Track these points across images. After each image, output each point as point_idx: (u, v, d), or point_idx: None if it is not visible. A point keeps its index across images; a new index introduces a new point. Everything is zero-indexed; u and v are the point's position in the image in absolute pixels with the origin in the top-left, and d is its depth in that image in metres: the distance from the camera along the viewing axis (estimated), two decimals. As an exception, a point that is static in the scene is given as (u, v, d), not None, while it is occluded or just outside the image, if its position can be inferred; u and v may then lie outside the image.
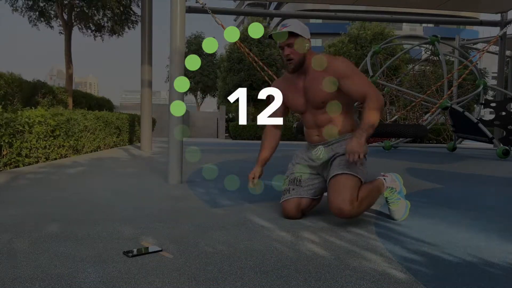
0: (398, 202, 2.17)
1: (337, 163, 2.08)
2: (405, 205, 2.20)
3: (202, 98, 32.70)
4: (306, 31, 2.12)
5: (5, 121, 3.84)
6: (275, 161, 2.44)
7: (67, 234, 1.78)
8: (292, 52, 2.09)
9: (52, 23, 11.18)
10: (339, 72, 2.07)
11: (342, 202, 1.92)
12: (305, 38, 2.10)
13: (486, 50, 7.28)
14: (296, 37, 2.08)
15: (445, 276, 1.39)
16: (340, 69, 2.08)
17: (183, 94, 3.43)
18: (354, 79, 2.08)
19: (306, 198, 2.15)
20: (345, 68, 2.08)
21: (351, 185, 1.97)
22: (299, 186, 2.17)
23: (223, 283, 1.29)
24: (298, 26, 2.09)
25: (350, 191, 1.94)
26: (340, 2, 9.95)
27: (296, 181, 2.19)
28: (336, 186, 1.99)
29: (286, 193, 2.18)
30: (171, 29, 3.32)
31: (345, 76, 2.07)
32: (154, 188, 3.08)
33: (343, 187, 1.96)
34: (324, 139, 2.19)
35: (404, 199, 2.21)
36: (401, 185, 2.23)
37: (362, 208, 1.99)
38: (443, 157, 6.83)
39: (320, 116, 2.18)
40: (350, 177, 1.99)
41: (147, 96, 6.93)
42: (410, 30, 42.94)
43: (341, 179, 1.99)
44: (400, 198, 2.18)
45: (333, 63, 2.10)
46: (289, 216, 2.14)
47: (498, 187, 3.56)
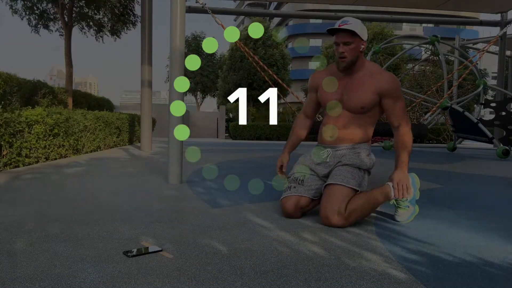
0: (406, 208, 2.13)
1: (336, 172, 2.09)
2: (412, 211, 2.15)
3: (202, 98, 32.71)
4: (365, 33, 2.12)
5: (4, 121, 3.84)
6: (275, 161, 2.44)
7: (67, 234, 1.78)
8: (347, 51, 2.08)
9: (51, 26, 11.16)
10: (387, 88, 2.09)
11: (330, 212, 1.94)
12: (362, 39, 2.10)
13: (486, 50, 7.29)
14: (354, 37, 2.07)
15: (445, 276, 1.39)
16: (389, 86, 2.10)
17: (183, 94, 3.43)
18: (397, 102, 2.12)
19: (305, 197, 2.14)
20: (393, 87, 2.11)
21: (341, 196, 1.98)
22: (301, 185, 2.18)
23: (223, 283, 1.29)
24: (359, 26, 2.07)
25: (339, 202, 1.95)
26: (340, 2, 9.96)
27: (298, 180, 2.19)
28: (327, 195, 2.01)
29: (287, 191, 2.19)
30: (171, 29, 3.32)
31: (390, 95, 2.10)
32: (154, 188, 3.08)
33: (333, 197, 1.98)
34: (336, 142, 2.19)
35: (414, 205, 2.16)
36: (416, 191, 2.18)
37: (351, 220, 1.97)
38: (443, 157, 6.83)
39: (343, 119, 2.17)
40: (344, 189, 2.00)
41: (147, 96, 6.94)
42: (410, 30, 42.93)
43: (334, 188, 2.01)
44: (408, 205, 2.13)
45: (383, 76, 2.12)
46: (287, 213, 2.14)
47: (498, 187, 3.56)
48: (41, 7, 10.64)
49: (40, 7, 10.62)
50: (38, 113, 4.46)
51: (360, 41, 2.09)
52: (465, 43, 11.04)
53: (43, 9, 10.74)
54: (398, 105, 2.13)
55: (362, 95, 2.11)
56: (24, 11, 10.59)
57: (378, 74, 2.13)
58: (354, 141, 2.18)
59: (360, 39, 2.09)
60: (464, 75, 7.15)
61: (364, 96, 2.11)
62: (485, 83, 7.92)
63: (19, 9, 10.55)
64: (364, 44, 2.12)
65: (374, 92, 2.10)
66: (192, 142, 9.86)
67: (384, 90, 2.09)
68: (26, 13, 10.65)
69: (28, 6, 10.50)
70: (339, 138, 2.18)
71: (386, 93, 2.10)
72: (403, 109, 2.16)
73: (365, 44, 2.13)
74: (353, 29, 2.05)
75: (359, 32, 2.06)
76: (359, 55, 2.12)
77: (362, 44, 2.11)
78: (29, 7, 10.52)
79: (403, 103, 2.16)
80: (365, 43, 2.13)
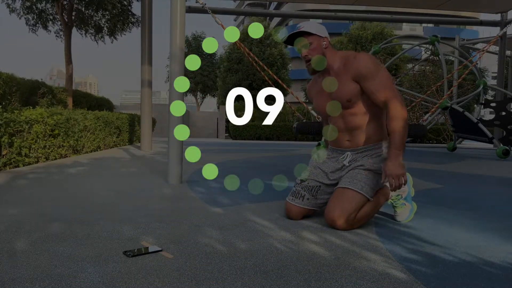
0: (403, 206, 2.15)
1: (350, 174, 2.01)
2: (410, 209, 2.17)
3: (202, 98, 32.72)
4: (322, 30, 2.05)
5: (4, 121, 3.84)
6: (275, 161, 2.44)
7: (67, 234, 1.78)
8: (309, 53, 2.04)
9: (50, 26, 11.14)
10: (361, 71, 1.95)
11: (338, 216, 1.90)
12: (321, 36, 2.04)
13: (486, 50, 7.29)
14: (310, 36, 2.03)
15: (445, 276, 1.39)
16: (362, 67, 1.95)
17: (183, 94, 3.43)
18: (376, 78, 1.94)
19: (313, 209, 2.14)
20: (367, 67, 1.94)
21: (355, 204, 1.91)
22: (314, 197, 2.11)
23: (223, 283, 1.29)
24: (312, 25, 2.03)
25: (351, 210, 1.90)
26: (340, 2, 9.94)
27: (313, 192, 2.12)
28: (337, 198, 1.95)
29: (298, 197, 2.12)
30: (171, 29, 3.32)
31: (366, 76, 1.95)
32: (154, 188, 3.08)
33: (344, 201, 1.92)
34: (354, 144, 2.08)
35: (411, 202, 2.18)
36: (410, 187, 2.20)
37: (357, 225, 1.95)
38: (443, 157, 6.83)
39: (349, 118, 2.05)
40: (355, 194, 1.93)
41: (147, 96, 6.94)
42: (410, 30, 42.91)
43: (345, 192, 1.94)
44: (405, 203, 2.15)
45: (353, 61, 1.98)
46: (291, 218, 2.14)
47: (498, 187, 3.56)
48: (40, 6, 10.62)
49: (39, 6, 10.60)
50: (38, 113, 4.46)
51: (319, 39, 2.03)
52: (465, 43, 11.04)
53: (42, 8, 10.72)
54: (378, 80, 1.94)
55: (344, 88, 2.00)
56: (22, 10, 10.57)
57: (351, 59, 1.99)
58: (370, 140, 2.05)
59: (319, 36, 2.03)
60: (464, 75, 7.15)
61: (345, 87, 2.00)
62: (485, 83, 7.92)
63: (17, 8, 10.52)
64: (325, 40, 2.05)
65: (351, 80, 1.98)
66: (192, 142, 9.86)
67: (359, 72, 1.96)
68: (24, 13, 10.63)
69: (26, 6, 10.48)
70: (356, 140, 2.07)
71: (362, 75, 1.95)
72: (386, 83, 1.94)
73: (326, 40, 2.05)
74: (305, 30, 2.02)
75: (314, 31, 2.02)
76: (325, 52, 2.05)
77: (324, 41, 2.04)
78: (28, 7, 10.51)
79: (384, 76, 1.95)
80: (327, 39, 2.06)
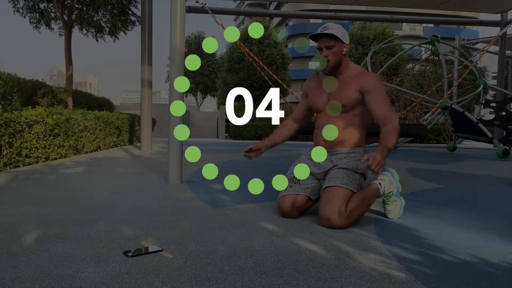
0: (394, 203, 2.20)
1: (333, 175, 2.11)
2: (400, 204, 2.23)
3: (202, 98, 32.72)
4: (346, 36, 2.17)
5: (4, 121, 3.84)
6: (275, 161, 2.44)
7: (67, 234, 1.78)
8: (330, 55, 2.15)
9: (52, 24, 11.20)
10: (368, 85, 2.12)
11: (331, 213, 1.94)
12: (344, 42, 2.16)
13: (486, 50, 7.29)
14: (336, 41, 2.14)
15: (445, 276, 1.39)
16: (370, 82, 2.13)
17: (183, 94, 3.43)
18: (379, 97, 2.12)
19: (302, 195, 2.16)
20: (374, 84, 2.13)
21: (341, 197, 1.99)
22: (297, 184, 2.20)
23: (223, 283, 1.29)
24: (339, 30, 2.14)
25: (339, 203, 1.96)
26: (340, 2, 9.94)
27: (295, 179, 2.22)
28: (326, 197, 2.02)
29: (284, 190, 2.21)
30: (171, 29, 3.32)
31: (371, 91, 2.12)
32: (154, 188, 3.08)
33: (333, 198, 1.99)
34: (329, 146, 2.21)
35: (400, 197, 2.23)
36: (397, 183, 2.24)
37: (352, 219, 1.99)
38: (443, 157, 6.83)
39: (334, 120, 2.19)
40: (342, 190, 2.01)
41: (147, 96, 6.94)
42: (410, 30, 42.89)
43: (332, 190, 2.02)
44: (396, 200, 2.20)
45: (365, 75, 2.17)
46: (284, 212, 2.15)
47: (498, 187, 3.56)
48: (42, 6, 10.67)
49: (41, 6, 10.65)
50: (38, 113, 4.46)
51: (342, 44, 2.16)
52: (465, 43, 11.04)
53: (44, 8, 10.77)
54: (381, 98, 2.12)
55: (346, 93, 2.16)
56: (25, 9, 10.64)
57: (362, 74, 2.19)
58: (349, 146, 2.20)
59: (342, 42, 2.15)
60: (464, 75, 7.15)
61: (348, 94, 2.15)
62: (485, 83, 7.92)
63: (21, 8, 10.60)
64: (346, 47, 2.19)
65: (357, 90, 2.14)
66: (192, 142, 9.85)
67: (366, 85, 2.13)
68: (27, 12, 10.71)
69: (29, 5, 10.54)
70: (334, 141, 2.20)
71: (368, 89, 2.12)
72: (387, 103, 2.14)
73: (347, 47, 2.19)
74: (334, 33, 2.11)
75: (340, 36, 2.13)
76: (342, 58, 2.18)
77: (345, 47, 2.18)
78: (30, 7, 10.56)
79: (386, 98, 2.15)
80: (348, 46, 2.20)
